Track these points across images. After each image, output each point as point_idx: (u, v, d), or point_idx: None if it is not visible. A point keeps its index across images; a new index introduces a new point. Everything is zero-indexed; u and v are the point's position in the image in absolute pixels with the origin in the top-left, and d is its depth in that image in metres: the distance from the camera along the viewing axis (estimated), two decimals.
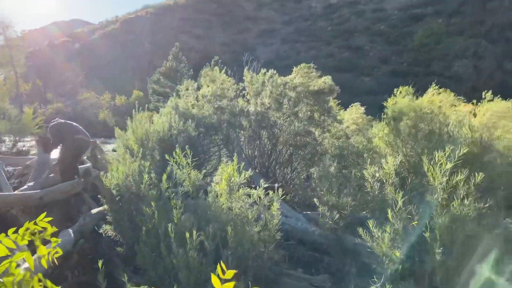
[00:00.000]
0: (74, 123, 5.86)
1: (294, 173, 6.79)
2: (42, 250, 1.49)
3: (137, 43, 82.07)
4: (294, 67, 6.89)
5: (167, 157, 3.44)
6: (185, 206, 3.25)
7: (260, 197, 3.15)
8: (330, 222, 3.28)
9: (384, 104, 5.59)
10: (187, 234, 2.71)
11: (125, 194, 3.99)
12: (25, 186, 5.42)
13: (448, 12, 60.62)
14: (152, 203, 3.19)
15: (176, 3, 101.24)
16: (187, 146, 3.44)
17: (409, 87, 5.50)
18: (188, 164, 3.31)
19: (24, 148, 11.02)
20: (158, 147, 5.05)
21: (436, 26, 56.92)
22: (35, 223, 1.52)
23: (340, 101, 8.15)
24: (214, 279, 1.07)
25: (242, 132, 6.62)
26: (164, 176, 3.35)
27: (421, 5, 67.25)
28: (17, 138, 11.25)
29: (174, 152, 3.39)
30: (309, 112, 6.34)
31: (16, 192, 5.09)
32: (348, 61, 59.52)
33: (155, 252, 3.16)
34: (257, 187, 3.21)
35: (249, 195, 3.18)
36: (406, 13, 68.10)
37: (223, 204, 3.06)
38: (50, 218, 1.55)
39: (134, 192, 3.92)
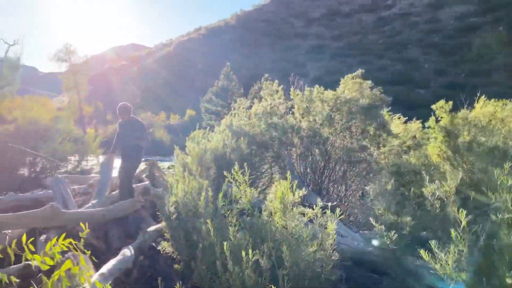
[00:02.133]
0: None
1: (349, 191, 6.64)
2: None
3: (190, 63, 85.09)
4: (341, 79, 6.81)
5: (225, 173, 3.50)
6: (240, 223, 3.27)
7: (316, 216, 3.11)
8: (388, 242, 3.17)
9: (427, 124, 5.40)
10: (243, 253, 2.72)
11: (182, 212, 4.09)
12: (89, 204, 5.73)
13: (508, 20, 57.49)
14: (208, 221, 3.24)
15: (227, 24, 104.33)
16: (245, 164, 3.50)
17: (447, 103, 5.27)
18: (245, 181, 3.35)
19: (87, 167, 11.72)
20: (214, 165, 5.16)
21: (496, 34, 54.12)
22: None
23: (394, 114, 7.92)
24: None
25: (293, 149, 6.60)
26: (221, 194, 3.42)
27: (479, 14, 64.33)
28: (80, 158, 11.97)
29: (232, 169, 3.45)
30: (362, 127, 6.21)
31: (81, 209, 5.40)
32: (402, 73, 57.95)
33: (211, 270, 3.20)
34: (311, 206, 3.17)
35: (303, 214, 3.15)
36: (462, 23, 65.44)
37: (278, 222, 3.06)
38: None
39: (191, 210, 4.02)
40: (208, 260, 3.27)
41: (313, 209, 3.11)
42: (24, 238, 1.74)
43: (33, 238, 1.82)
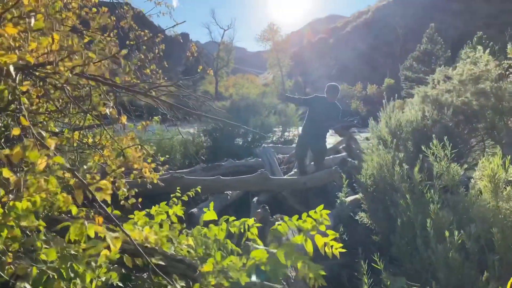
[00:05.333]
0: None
1: None
2: (319, 239, 1.74)
3: (389, 29, 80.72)
4: None
5: (423, 148, 3.33)
6: (442, 201, 3.08)
7: None
8: None
9: None
10: (447, 233, 2.57)
11: (379, 184, 4.08)
12: (292, 172, 6.27)
13: None
14: (407, 196, 3.16)
15: None
16: (445, 137, 3.25)
17: None
18: (447, 156, 3.12)
19: (289, 138, 12.75)
20: (411, 138, 4.92)
21: None
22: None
23: None
24: None
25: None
26: (416, 168, 3.27)
27: None
28: (283, 129, 13.10)
29: (431, 143, 3.26)
30: None
31: (285, 177, 5.97)
32: None
33: (411, 245, 3.14)
34: None
35: None
36: None
37: (488, 203, 2.75)
38: (321, 206, 1.79)
39: (388, 183, 3.97)
40: (407, 235, 3.21)
41: None
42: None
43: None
